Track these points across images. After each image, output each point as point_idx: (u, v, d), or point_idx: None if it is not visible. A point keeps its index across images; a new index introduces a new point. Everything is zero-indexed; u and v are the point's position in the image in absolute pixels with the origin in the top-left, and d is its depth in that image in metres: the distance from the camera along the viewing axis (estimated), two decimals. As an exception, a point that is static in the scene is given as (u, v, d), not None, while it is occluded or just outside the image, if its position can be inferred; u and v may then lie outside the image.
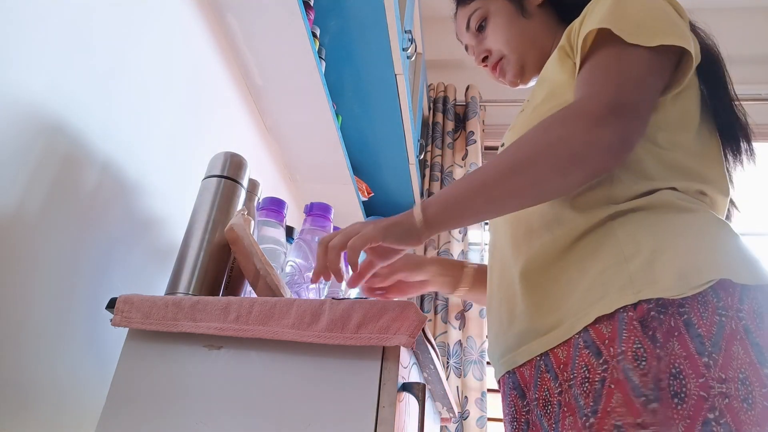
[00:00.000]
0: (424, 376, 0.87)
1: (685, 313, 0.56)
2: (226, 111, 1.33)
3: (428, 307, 2.16)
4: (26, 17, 0.73)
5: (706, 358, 0.54)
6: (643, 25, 0.66)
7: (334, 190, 1.85)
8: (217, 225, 0.85)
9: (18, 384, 0.73)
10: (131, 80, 0.95)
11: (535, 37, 0.89)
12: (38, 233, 0.76)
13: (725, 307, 0.57)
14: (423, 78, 2.37)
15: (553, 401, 0.63)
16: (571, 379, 0.60)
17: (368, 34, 1.55)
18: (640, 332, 0.56)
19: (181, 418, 0.67)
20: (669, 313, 0.57)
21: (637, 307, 0.58)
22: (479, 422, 1.92)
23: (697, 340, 0.55)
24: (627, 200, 0.66)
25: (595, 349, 0.59)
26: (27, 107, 0.74)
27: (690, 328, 0.56)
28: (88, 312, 0.85)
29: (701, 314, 0.56)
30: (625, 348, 0.56)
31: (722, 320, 0.56)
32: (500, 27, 0.90)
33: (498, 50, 0.91)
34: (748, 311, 0.57)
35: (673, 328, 0.56)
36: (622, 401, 0.55)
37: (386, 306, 0.66)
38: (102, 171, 0.88)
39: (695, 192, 0.68)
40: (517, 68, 0.91)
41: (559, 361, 0.63)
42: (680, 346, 0.55)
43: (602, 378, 0.57)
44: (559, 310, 0.65)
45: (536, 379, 0.67)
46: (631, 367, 0.55)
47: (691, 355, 0.55)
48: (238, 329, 0.69)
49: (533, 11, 0.89)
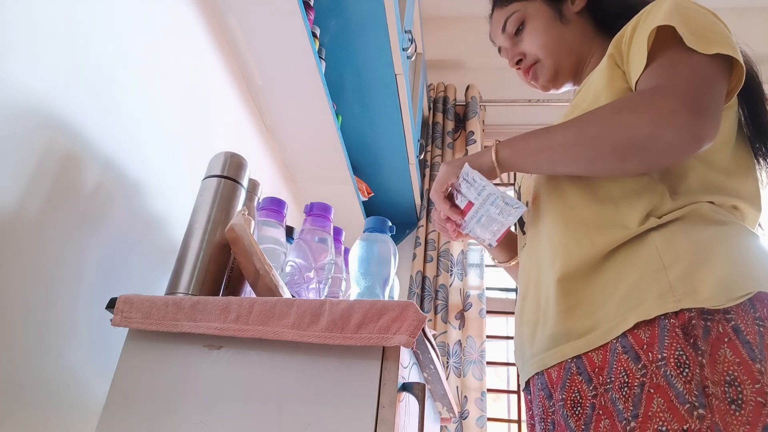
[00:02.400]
0: (424, 376, 0.87)
1: (732, 320, 0.58)
2: (226, 111, 1.33)
3: (428, 307, 2.16)
4: (26, 17, 0.73)
5: (758, 365, 0.55)
6: (705, 32, 0.67)
7: (334, 190, 1.85)
8: (217, 225, 0.85)
9: (18, 384, 0.73)
10: (131, 80, 0.95)
11: (572, 44, 0.89)
12: (38, 233, 0.76)
13: (762, 317, 0.58)
14: (423, 78, 2.37)
15: (585, 403, 0.64)
16: (608, 383, 0.61)
17: (368, 34, 1.55)
18: (682, 340, 0.58)
19: (181, 418, 0.67)
20: (716, 320, 0.58)
21: (679, 315, 0.59)
22: (479, 422, 1.92)
23: (748, 346, 0.56)
24: (667, 212, 0.67)
25: (634, 354, 0.60)
26: (27, 107, 0.74)
27: (739, 334, 0.57)
28: (88, 312, 0.85)
29: (746, 322, 0.58)
30: (667, 354, 0.57)
31: (761, 330, 0.57)
32: (537, 31, 0.90)
33: (533, 54, 0.92)
34: None
35: (722, 334, 0.57)
36: (665, 407, 0.56)
37: (386, 306, 0.66)
38: (102, 171, 0.88)
39: (729, 207, 0.70)
40: (551, 73, 0.91)
41: (594, 365, 0.64)
42: (732, 352, 0.56)
43: (641, 383, 0.58)
44: (595, 314, 0.66)
45: (564, 381, 0.67)
46: (674, 374, 0.56)
47: (744, 361, 0.56)
48: (238, 329, 0.69)
49: (571, 17, 0.89)
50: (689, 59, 0.66)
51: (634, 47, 0.71)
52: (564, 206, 0.76)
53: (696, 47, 0.65)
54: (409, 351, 0.73)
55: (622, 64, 0.74)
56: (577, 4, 0.90)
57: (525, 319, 0.79)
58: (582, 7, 0.89)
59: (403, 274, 2.32)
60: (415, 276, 2.23)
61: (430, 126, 2.59)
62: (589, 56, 0.90)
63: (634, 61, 0.70)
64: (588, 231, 0.71)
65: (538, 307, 0.75)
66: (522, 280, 0.83)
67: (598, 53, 0.88)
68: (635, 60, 0.70)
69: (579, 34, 0.89)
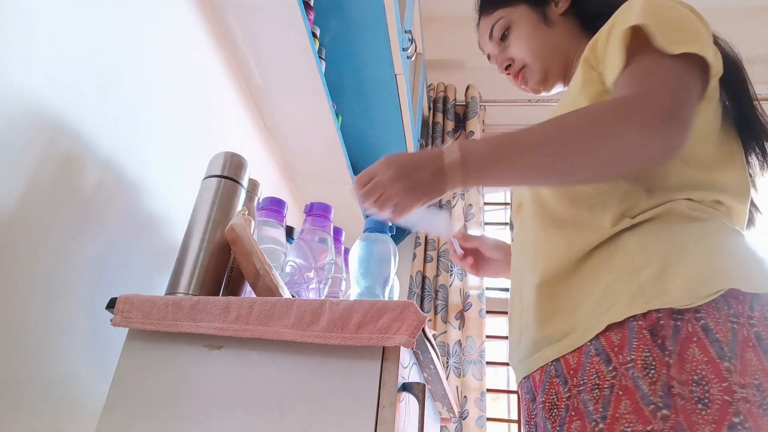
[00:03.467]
0: (424, 376, 0.87)
1: (702, 319, 0.57)
2: (226, 111, 1.33)
3: (428, 307, 2.16)
4: (26, 17, 0.73)
5: (727, 363, 0.55)
6: (675, 31, 0.67)
7: (334, 190, 1.85)
8: (217, 225, 0.85)
9: (18, 384, 0.73)
10: (131, 80, 0.95)
11: (558, 46, 0.90)
12: (38, 233, 0.76)
13: (736, 314, 0.57)
14: (423, 78, 2.37)
15: (561, 405, 0.65)
16: (580, 384, 0.62)
17: (368, 34, 1.55)
18: (649, 341, 0.58)
19: (181, 418, 0.67)
20: (686, 319, 0.58)
21: (647, 316, 0.59)
22: (479, 422, 1.92)
23: (717, 345, 0.56)
24: (642, 212, 0.66)
25: (605, 356, 0.60)
26: (27, 107, 0.74)
27: (708, 333, 0.57)
28: (88, 312, 0.85)
29: (717, 320, 0.57)
30: (635, 357, 0.58)
31: (735, 327, 0.57)
32: (523, 36, 0.91)
33: (521, 59, 0.93)
34: (759, 318, 0.58)
35: (691, 333, 0.57)
36: (631, 408, 0.56)
37: (386, 306, 0.66)
38: (102, 171, 0.88)
39: (710, 202, 0.68)
40: (540, 76, 0.92)
41: (569, 367, 0.64)
42: (701, 351, 0.56)
43: (611, 385, 0.58)
44: (572, 318, 0.66)
45: (545, 383, 0.68)
46: (640, 376, 0.57)
47: (712, 360, 0.55)
48: (238, 329, 0.69)
49: (556, 20, 0.90)
50: (660, 62, 0.66)
51: (610, 48, 0.71)
52: (543, 210, 0.76)
53: (665, 47, 0.65)
54: (409, 351, 0.73)
55: (598, 66, 0.74)
56: (560, 6, 0.90)
57: (512, 325, 0.80)
58: (566, 9, 0.90)
59: (403, 274, 2.32)
60: (415, 276, 2.23)
61: (430, 126, 2.59)
62: (576, 56, 0.89)
63: (610, 63, 0.70)
64: (565, 234, 0.71)
65: (522, 313, 0.75)
66: (510, 286, 0.84)
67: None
68: (611, 61, 0.70)
69: (564, 35, 0.90)
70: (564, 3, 0.90)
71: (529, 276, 0.75)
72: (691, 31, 0.67)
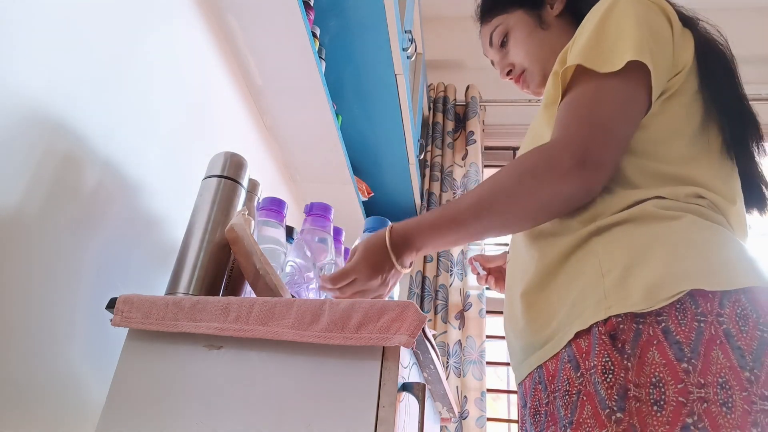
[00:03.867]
0: (424, 376, 0.87)
1: (662, 322, 0.57)
2: (226, 111, 1.33)
3: (428, 307, 2.16)
4: (26, 17, 0.73)
5: (685, 364, 0.55)
6: (614, 47, 0.67)
7: (334, 190, 1.85)
8: (217, 225, 0.85)
9: (18, 384, 0.73)
10: (131, 80, 0.95)
11: (555, 47, 0.89)
12: (38, 233, 0.76)
13: (704, 312, 0.57)
14: (423, 78, 2.37)
15: (541, 411, 0.66)
16: (556, 390, 0.63)
17: (368, 34, 1.54)
18: (609, 346, 0.58)
19: (181, 418, 0.67)
20: (647, 323, 0.58)
21: (607, 322, 0.60)
22: (479, 422, 1.92)
23: (676, 346, 0.56)
24: (611, 214, 0.67)
25: (575, 362, 0.62)
26: (27, 107, 0.74)
27: (668, 335, 0.57)
28: (88, 312, 0.85)
29: (679, 321, 0.57)
30: (596, 362, 0.59)
31: (701, 326, 0.57)
32: (520, 40, 0.93)
33: (520, 63, 0.95)
34: (729, 315, 0.57)
35: (651, 337, 0.57)
36: (591, 413, 0.58)
37: (386, 306, 0.66)
38: (102, 171, 0.88)
39: (687, 196, 0.67)
40: (539, 79, 0.93)
41: (549, 374, 0.66)
42: (659, 354, 0.56)
43: (578, 390, 0.60)
44: (550, 326, 0.67)
45: (531, 390, 0.70)
46: (600, 380, 0.58)
47: (669, 362, 0.56)
48: (238, 329, 0.69)
49: (551, 22, 0.91)
50: (600, 89, 0.67)
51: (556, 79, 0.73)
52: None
53: (601, 69, 0.67)
54: (409, 351, 0.73)
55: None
56: (556, 8, 0.91)
57: (507, 333, 0.81)
58: (561, 10, 0.91)
59: (403, 274, 2.31)
60: (415, 276, 2.23)
61: (430, 126, 2.59)
62: None
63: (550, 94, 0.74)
64: (543, 242, 0.73)
65: (513, 322, 0.77)
66: (505, 296, 0.86)
67: None
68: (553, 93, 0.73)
69: (561, 36, 0.90)
70: (559, 5, 0.91)
71: (517, 285, 0.76)
72: (631, 39, 0.67)
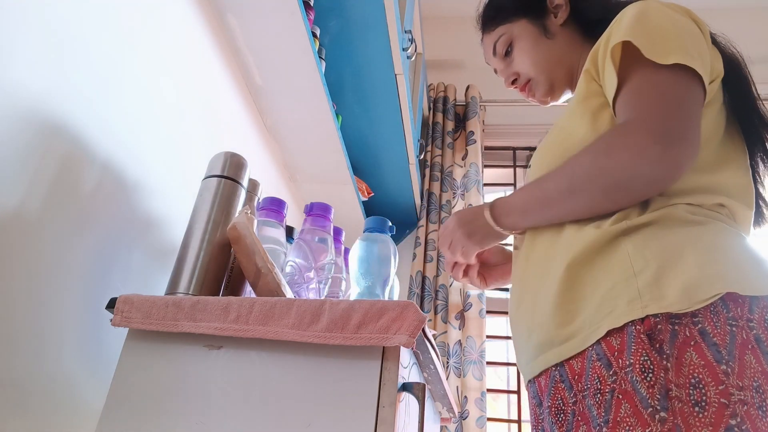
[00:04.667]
0: (424, 376, 0.87)
1: (699, 323, 0.58)
2: (226, 111, 1.33)
3: (428, 307, 2.16)
4: (26, 17, 0.73)
5: (724, 366, 0.56)
6: (664, 41, 0.68)
7: (334, 190, 1.85)
8: (217, 225, 0.85)
9: (18, 384, 0.73)
10: (131, 80, 0.95)
11: (560, 56, 0.91)
12: (38, 233, 0.76)
13: (735, 317, 0.58)
14: (423, 78, 2.37)
15: (567, 410, 0.65)
16: (585, 389, 0.63)
17: (368, 34, 1.54)
18: (647, 345, 0.58)
19: (181, 418, 0.67)
20: (683, 323, 0.58)
21: (645, 321, 0.59)
22: (479, 422, 1.92)
23: (714, 348, 0.56)
24: (639, 215, 0.67)
25: (606, 361, 0.61)
26: (27, 107, 0.74)
27: (705, 337, 0.57)
28: (88, 312, 0.85)
29: (714, 324, 0.58)
30: (633, 360, 0.58)
31: (733, 330, 0.57)
32: (525, 50, 0.93)
33: (526, 73, 0.95)
34: (758, 321, 0.58)
35: (688, 338, 0.58)
36: (630, 412, 0.57)
37: (386, 306, 0.66)
38: (102, 171, 0.88)
39: (712, 205, 0.69)
40: (546, 88, 0.94)
41: (574, 372, 0.65)
42: (698, 355, 0.57)
43: (612, 389, 0.59)
44: (574, 322, 0.66)
45: (550, 388, 0.69)
46: (639, 379, 0.57)
47: (709, 364, 0.56)
48: (238, 329, 0.69)
49: (556, 31, 0.91)
50: (653, 77, 0.67)
51: (605, 65, 0.72)
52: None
53: (654, 58, 0.66)
54: (409, 351, 0.73)
55: (599, 78, 0.75)
56: (560, 17, 0.91)
57: (517, 328, 0.80)
58: (565, 19, 0.91)
59: (403, 274, 2.32)
60: (415, 276, 2.23)
61: (430, 126, 2.59)
62: (581, 64, 0.90)
63: (607, 81, 0.72)
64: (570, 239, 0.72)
65: (528, 316, 0.75)
66: (512, 290, 0.84)
67: None
68: (608, 79, 0.71)
69: (566, 45, 0.91)
70: (563, 13, 0.91)
71: (533, 280, 0.76)
72: (677, 39, 0.68)
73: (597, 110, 0.74)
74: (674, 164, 0.64)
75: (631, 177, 0.65)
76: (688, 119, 0.65)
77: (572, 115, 0.77)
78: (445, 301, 2.16)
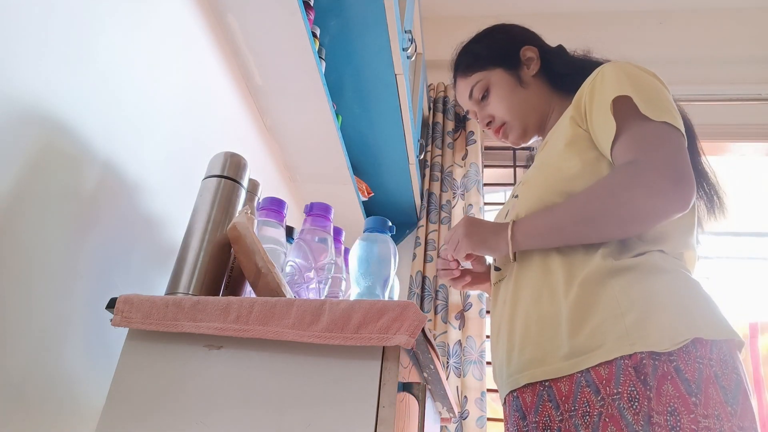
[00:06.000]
0: (424, 376, 0.87)
1: (674, 361, 0.69)
2: (226, 111, 1.33)
3: (428, 307, 2.16)
4: (26, 17, 0.73)
5: (693, 398, 0.66)
6: (654, 101, 0.78)
7: (334, 190, 1.85)
8: (217, 225, 0.85)
9: (18, 384, 0.73)
10: (131, 80, 0.95)
11: (534, 104, 1.03)
12: (38, 233, 0.76)
13: (701, 356, 0.69)
14: (423, 78, 2.37)
15: (554, 427, 0.75)
16: (572, 410, 0.73)
17: (368, 34, 1.54)
18: (634, 377, 0.69)
19: (181, 418, 0.67)
20: (662, 360, 0.69)
21: (632, 357, 0.70)
22: (479, 422, 1.92)
23: (686, 383, 0.67)
24: (623, 258, 0.78)
25: (595, 387, 0.71)
26: (27, 107, 0.74)
27: (679, 373, 0.68)
28: (88, 312, 0.85)
29: (686, 362, 0.68)
30: (622, 390, 0.69)
31: (700, 367, 0.68)
32: (502, 97, 1.03)
33: (501, 117, 1.05)
34: (716, 360, 0.69)
35: (666, 372, 0.68)
36: None
37: (386, 306, 0.66)
38: (102, 171, 0.88)
39: (677, 254, 0.82)
40: (519, 132, 1.05)
41: (561, 393, 0.75)
42: (673, 388, 0.67)
43: (600, 412, 0.70)
44: (563, 347, 0.75)
45: (537, 405, 0.78)
46: (626, 406, 0.68)
47: (682, 395, 0.67)
48: (238, 329, 0.69)
49: (529, 81, 1.03)
50: (650, 127, 0.77)
51: (597, 116, 0.82)
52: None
53: (650, 115, 0.77)
54: (409, 351, 0.73)
55: (584, 124, 0.85)
56: (532, 69, 1.03)
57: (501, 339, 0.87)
58: (537, 71, 1.03)
59: (403, 274, 2.32)
60: (415, 276, 2.23)
61: (430, 126, 2.59)
62: (550, 111, 1.03)
63: (602, 131, 0.81)
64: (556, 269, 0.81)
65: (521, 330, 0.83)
66: (495, 306, 0.94)
67: (558, 108, 1.02)
68: (603, 130, 0.81)
69: (538, 94, 1.02)
70: (534, 66, 1.03)
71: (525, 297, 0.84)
72: (665, 102, 0.80)
73: (584, 150, 0.84)
74: (684, 199, 0.74)
75: (649, 210, 0.75)
76: (687, 162, 0.76)
77: (560, 154, 0.86)
78: (445, 301, 2.16)
